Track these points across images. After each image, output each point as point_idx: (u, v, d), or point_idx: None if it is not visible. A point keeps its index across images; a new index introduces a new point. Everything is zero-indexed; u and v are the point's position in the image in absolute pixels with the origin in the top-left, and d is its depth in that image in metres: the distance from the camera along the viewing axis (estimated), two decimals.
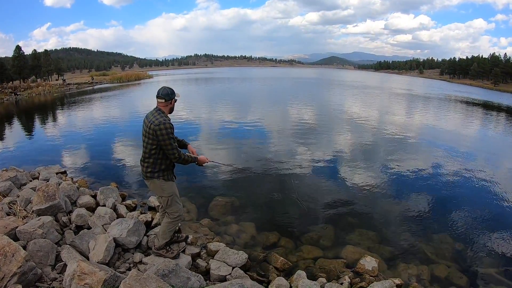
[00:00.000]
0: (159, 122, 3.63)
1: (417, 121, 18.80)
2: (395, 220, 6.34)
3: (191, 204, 6.50)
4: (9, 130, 15.76)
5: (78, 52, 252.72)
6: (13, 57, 57.99)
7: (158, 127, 3.62)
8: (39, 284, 3.52)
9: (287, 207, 6.69)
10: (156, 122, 3.64)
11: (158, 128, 3.62)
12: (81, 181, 7.36)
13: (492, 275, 4.79)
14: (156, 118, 3.68)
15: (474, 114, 24.77)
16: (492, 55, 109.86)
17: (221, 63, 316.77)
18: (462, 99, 37.52)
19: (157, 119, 3.67)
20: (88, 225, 5.01)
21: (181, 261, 4.15)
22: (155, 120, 3.66)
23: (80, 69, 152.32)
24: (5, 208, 5.09)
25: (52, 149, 11.13)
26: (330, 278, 4.44)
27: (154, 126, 3.63)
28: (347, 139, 12.91)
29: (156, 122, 3.64)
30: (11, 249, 3.42)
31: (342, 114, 19.69)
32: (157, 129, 3.62)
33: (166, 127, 3.63)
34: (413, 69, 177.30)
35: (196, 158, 4.08)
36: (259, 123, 15.71)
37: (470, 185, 8.41)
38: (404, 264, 4.92)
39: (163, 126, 3.62)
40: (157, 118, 3.68)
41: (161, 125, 3.62)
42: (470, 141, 14.27)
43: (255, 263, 4.72)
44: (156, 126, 3.62)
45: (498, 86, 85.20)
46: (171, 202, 4.07)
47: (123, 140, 12.33)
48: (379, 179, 8.40)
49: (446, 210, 6.84)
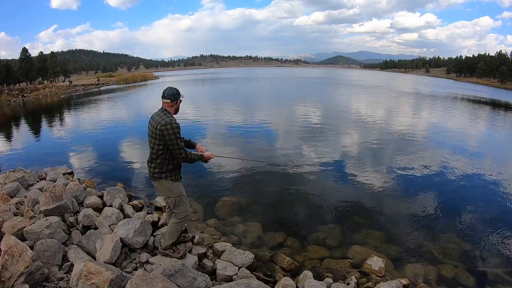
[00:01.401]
0: (166, 122, 3.62)
1: (424, 120, 18.67)
2: (401, 219, 6.29)
3: (197, 204, 6.51)
4: (17, 131, 15.92)
5: (84, 54, 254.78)
6: (19, 59, 58.63)
7: (164, 127, 3.61)
8: (46, 284, 3.54)
9: (293, 207, 6.68)
10: (162, 122, 3.63)
11: (165, 128, 3.61)
12: (88, 181, 7.39)
13: (500, 275, 4.73)
14: (162, 119, 3.67)
15: (482, 112, 24.55)
16: (499, 53, 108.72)
17: (227, 64, 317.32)
18: (469, 97, 37.23)
19: (163, 119, 3.66)
20: (95, 225, 5.04)
21: (187, 261, 4.15)
22: (161, 121, 3.65)
23: (87, 71, 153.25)
24: (13, 208, 5.12)
25: (59, 150, 11.22)
26: (337, 278, 4.41)
27: (161, 127, 3.62)
28: (354, 138, 12.87)
29: (162, 122, 3.63)
30: (19, 249, 3.45)
31: (349, 114, 19.62)
32: (164, 129, 3.61)
33: (173, 127, 3.62)
34: (419, 67, 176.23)
35: (202, 155, 4.09)
36: (266, 123, 15.71)
37: (478, 184, 8.32)
38: (410, 264, 4.88)
39: (169, 126, 3.61)
40: (163, 119, 3.66)
41: (167, 125, 3.61)
42: (478, 140, 14.13)
43: (261, 263, 4.71)
44: (163, 126, 3.61)
45: (505, 84, 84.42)
46: (179, 202, 4.07)
47: (129, 140, 12.39)
48: (386, 179, 8.35)
49: (453, 209, 6.77)
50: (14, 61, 68.40)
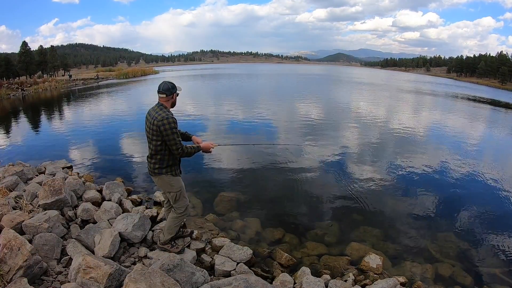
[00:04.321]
0: (162, 118, 3.62)
1: (424, 118, 18.67)
2: (400, 217, 6.31)
3: (196, 199, 6.51)
4: (16, 125, 15.88)
5: (84, 48, 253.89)
6: (19, 53, 58.48)
7: (161, 122, 3.60)
8: (44, 278, 3.54)
9: (292, 203, 6.69)
10: (159, 118, 3.62)
11: (162, 123, 3.60)
12: (87, 176, 7.38)
13: (497, 274, 4.75)
14: (158, 114, 3.66)
15: (482, 112, 24.55)
16: (500, 53, 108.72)
17: (227, 59, 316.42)
18: (469, 97, 37.22)
19: (159, 114, 3.65)
20: (93, 219, 5.04)
21: (186, 256, 4.16)
22: (157, 116, 3.64)
23: (86, 65, 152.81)
24: (12, 202, 5.12)
25: (58, 144, 11.20)
26: (334, 275, 4.43)
27: (158, 122, 3.62)
28: (354, 136, 12.86)
29: (159, 117, 3.63)
30: (17, 242, 3.45)
31: (349, 111, 19.59)
32: (160, 125, 3.61)
33: (169, 121, 3.61)
34: (420, 66, 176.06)
35: (199, 147, 4.04)
36: (267, 119, 15.66)
37: (476, 184, 8.34)
38: (408, 262, 4.89)
39: (166, 121, 3.61)
40: (159, 114, 3.66)
41: (164, 120, 3.61)
42: (477, 139, 14.12)
43: (259, 259, 4.72)
44: (159, 122, 3.61)
45: (506, 85, 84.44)
46: (179, 197, 4.08)
47: (128, 135, 12.38)
48: (385, 176, 8.36)
49: (452, 208, 6.80)
50: (14, 54, 68.25)
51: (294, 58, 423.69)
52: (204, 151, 4.13)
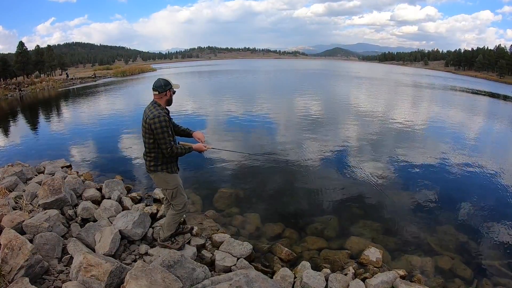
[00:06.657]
0: (154, 116, 3.62)
1: (423, 112, 18.69)
2: (399, 211, 6.32)
3: (196, 195, 6.53)
4: (14, 125, 15.84)
5: (81, 47, 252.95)
6: (16, 53, 58.23)
7: (152, 120, 3.61)
8: (46, 277, 3.56)
9: (291, 198, 6.70)
10: (151, 116, 3.63)
11: (153, 122, 3.61)
12: (86, 174, 7.39)
13: (496, 267, 4.77)
14: (151, 112, 3.67)
15: (481, 105, 24.57)
16: (498, 47, 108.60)
17: (225, 55, 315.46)
18: (468, 90, 37.21)
19: (152, 112, 3.66)
20: (93, 218, 5.05)
21: (186, 252, 4.18)
22: (150, 114, 3.66)
23: (84, 64, 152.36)
24: (12, 202, 5.13)
25: (57, 143, 11.19)
26: (335, 269, 4.45)
27: (149, 120, 3.63)
28: (353, 130, 12.87)
29: (151, 115, 3.64)
30: (18, 242, 3.46)
31: (349, 106, 19.59)
32: (152, 123, 3.61)
33: (160, 120, 3.61)
34: (418, 60, 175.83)
35: (190, 148, 4.00)
36: (265, 115, 15.66)
37: (476, 177, 8.36)
38: (408, 255, 4.91)
39: (157, 119, 3.61)
40: (152, 112, 3.67)
41: (155, 118, 3.61)
42: (476, 133, 14.15)
43: (259, 254, 4.74)
44: (151, 120, 3.62)
45: (504, 78, 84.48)
46: (176, 194, 4.08)
47: (127, 133, 12.36)
48: (384, 170, 8.38)
49: (451, 201, 6.81)
50: (10, 55, 67.97)
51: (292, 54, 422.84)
52: (198, 151, 4.10)
